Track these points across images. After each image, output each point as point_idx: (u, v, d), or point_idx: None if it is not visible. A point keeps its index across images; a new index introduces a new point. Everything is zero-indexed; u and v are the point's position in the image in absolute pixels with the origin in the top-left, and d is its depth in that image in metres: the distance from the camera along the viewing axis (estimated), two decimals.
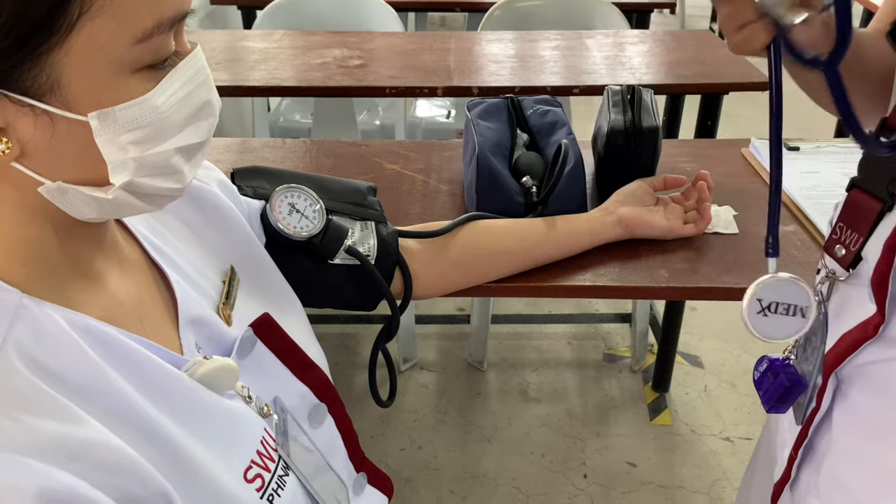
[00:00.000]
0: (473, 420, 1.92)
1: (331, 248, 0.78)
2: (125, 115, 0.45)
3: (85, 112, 0.44)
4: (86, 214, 0.49)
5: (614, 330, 2.23)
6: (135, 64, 0.45)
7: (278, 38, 1.94)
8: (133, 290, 0.55)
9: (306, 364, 0.65)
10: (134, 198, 0.48)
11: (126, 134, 0.45)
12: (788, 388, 0.67)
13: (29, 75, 0.42)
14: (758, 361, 0.71)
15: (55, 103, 0.43)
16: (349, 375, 2.03)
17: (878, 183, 0.59)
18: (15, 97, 0.42)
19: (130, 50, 0.44)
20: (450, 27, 4.70)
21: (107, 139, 0.45)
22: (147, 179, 0.48)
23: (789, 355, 0.70)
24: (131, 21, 0.43)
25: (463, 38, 1.98)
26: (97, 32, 0.42)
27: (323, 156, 1.30)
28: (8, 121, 0.43)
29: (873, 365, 0.61)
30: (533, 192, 1.01)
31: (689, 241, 1.02)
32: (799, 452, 0.69)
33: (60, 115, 0.43)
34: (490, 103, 1.16)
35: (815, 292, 0.66)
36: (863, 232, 0.60)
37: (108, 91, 0.44)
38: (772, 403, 0.69)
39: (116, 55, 0.43)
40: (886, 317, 0.59)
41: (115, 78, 0.44)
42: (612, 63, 1.77)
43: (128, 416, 0.47)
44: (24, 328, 0.45)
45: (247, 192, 0.76)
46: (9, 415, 0.41)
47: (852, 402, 0.64)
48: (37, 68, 0.42)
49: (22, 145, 0.44)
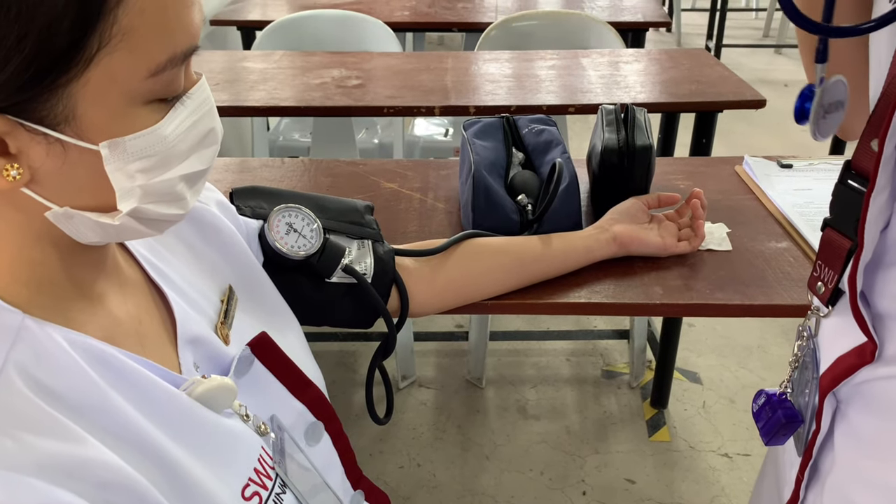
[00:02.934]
0: (472, 437, 1.92)
1: (328, 267, 0.79)
2: (135, 144, 0.46)
3: (96, 141, 0.45)
4: (89, 238, 0.50)
5: (612, 346, 2.23)
6: (147, 96, 0.46)
7: (277, 58, 1.96)
8: (133, 310, 0.56)
9: (303, 382, 0.66)
10: (138, 223, 0.50)
11: (134, 162, 0.47)
12: (785, 425, 0.69)
13: (46, 105, 0.43)
14: (756, 395, 0.72)
15: (69, 132, 0.44)
16: (347, 393, 2.03)
17: (847, 223, 0.61)
18: (29, 125, 0.43)
19: (144, 83, 0.45)
20: (447, 47, 4.74)
21: (116, 167, 0.46)
22: (152, 206, 0.49)
23: (786, 389, 0.71)
24: (146, 55, 0.44)
25: (460, 57, 2.00)
26: (114, 66, 0.43)
27: (321, 175, 1.31)
28: (21, 147, 0.44)
29: (870, 383, 0.62)
30: (528, 210, 1.02)
31: (684, 259, 1.03)
32: (805, 473, 0.69)
33: (73, 143, 0.45)
34: (486, 122, 1.17)
35: (803, 328, 0.68)
36: (836, 269, 0.62)
37: (120, 121, 0.45)
38: (770, 437, 0.70)
39: (130, 88, 0.45)
40: (878, 342, 0.60)
41: (127, 109, 0.45)
42: (608, 82, 1.79)
43: (127, 434, 0.47)
44: (26, 348, 0.45)
45: (245, 212, 0.77)
46: (9, 434, 0.42)
47: (852, 421, 0.64)
48: (54, 99, 0.43)
49: (32, 171, 0.45)
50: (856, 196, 0.57)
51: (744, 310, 0.96)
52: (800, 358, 0.70)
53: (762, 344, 2.20)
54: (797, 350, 0.70)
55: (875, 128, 0.56)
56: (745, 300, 0.95)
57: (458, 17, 2.44)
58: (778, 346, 2.18)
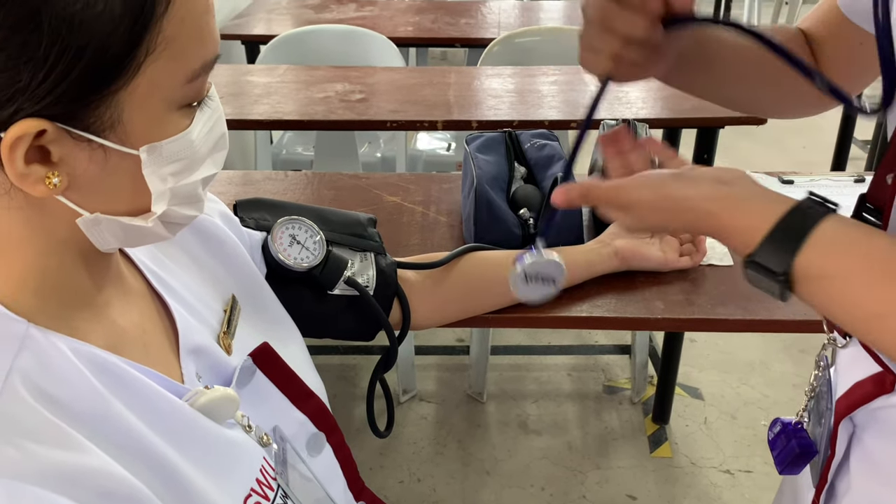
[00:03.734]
0: (473, 452, 1.91)
1: (330, 279, 0.80)
2: (169, 148, 0.48)
3: (136, 146, 0.47)
4: (110, 244, 0.51)
5: (614, 361, 2.23)
6: (181, 102, 0.48)
7: (281, 72, 1.97)
8: (136, 319, 0.56)
9: (305, 393, 0.66)
10: (162, 226, 0.51)
11: (167, 166, 0.48)
12: (799, 455, 0.69)
13: (95, 113, 0.44)
14: (772, 423, 0.72)
15: (112, 139, 0.46)
16: (349, 406, 2.03)
17: None
18: (76, 133, 0.44)
19: (182, 89, 0.47)
20: (450, 62, 4.76)
21: (151, 171, 0.48)
22: (177, 208, 0.51)
23: (802, 419, 0.70)
24: (185, 62, 0.46)
25: (463, 72, 2.02)
26: (157, 73, 0.45)
27: (324, 188, 1.32)
28: (63, 155, 0.45)
29: (886, 410, 0.62)
30: (530, 224, 1.02)
31: (685, 273, 1.03)
32: (821, 498, 0.69)
33: (115, 149, 0.46)
34: (488, 137, 1.18)
35: (819, 357, 0.69)
36: None
37: (157, 126, 0.47)
38: (784, 466, 0.70)
39: (170, 94, 0.47)
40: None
41: (164, 115, 0.47)
42: (610, 98, 1.80)
43: (129, 444, 0.48)
44: (30, 357, 0.46)
45: (249, 224, 0.77)
46: (13, 442, 0.42)
47: (868, 447, 0.64)
48: (103, 106, 0.44)
49: (71, 178, 0.46)
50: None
51: (745, 325, 0.96)
52: (816, 388, 0.70)
53: (764, 360, 2.19)
54: (813, 380, 0.70)
55: (892, 162, 0.57)
56: (746, 315, 0.95)
57: (462, 32, 2.46)
58: (780, 363, 2.17)
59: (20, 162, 0.43)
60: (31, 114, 0.42)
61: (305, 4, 2.74)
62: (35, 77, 0.41)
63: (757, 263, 0.54)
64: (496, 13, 2.67)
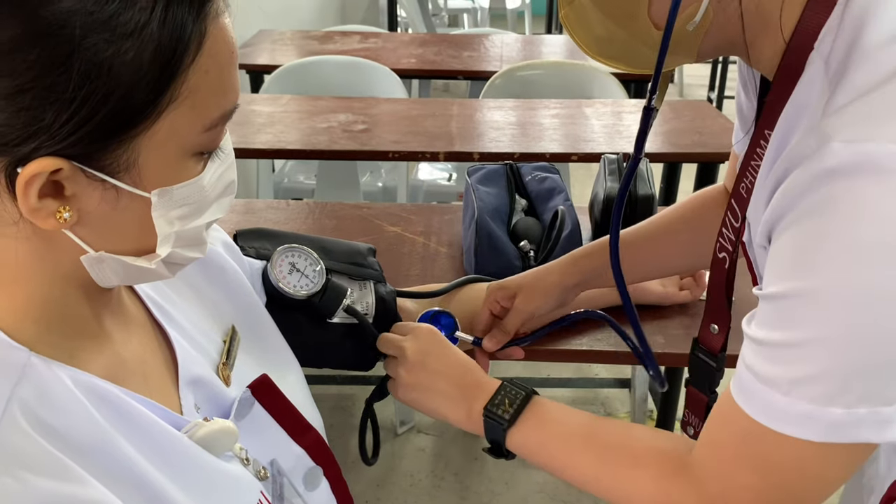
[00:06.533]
0: (470, 486, 1.89)
1: (329, 307, 0.79)
2: (180, 193, 0.48)
3: (148, 189, 0.47)
4: (110, 282, 0.51)
5: (614, 395, 2.22)
6: (196, 149, 0.48)
7: (285, 102, 1.99)
8: (137, 349, 0.56)
9: (303, 426, 0.66)
10: (164, 266, 0.51)
11: (176, 209, 0.49)
12: None
13: (112, 155, 0.45)
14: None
15: (126, 180, 0.46)
16: (345, 437, 2.01)
17: (703, 384, 0.75)
18: (91, 172, 0.45)
19: (198, 137, 0.48)
20: (453, 94, 4.81)
21: (160, 214, 0.48)
22: (180, 250, 0.51)
23: None
24: (204, 112, 0.47)
25: (465, 104, 2.03)
26: (177, 121, 0.46)
27: (325, 217, 1.32)
28: (76, 191, 0.45)
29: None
30: (531, 256, 1.02)
31: (685, 308, 1.03)
32: None
33: (128, 190, 0.46)
34: (490, 169, 1.19)
35: None
36: (701, 418, 0.75)
37: (171, 171, 0.48)
38: None
39: (187, 141, 0.47)
40: None
41: (178, 160, 0.48)
42: (610, 131, 1.81)
43: (128, 476, 0.47)
44: (30, 387, 0.45)
45: (249, 253, 0.77)
46: (11, 473, 0.42)
47: None
48: (121, 149, 0.45)
49: (81, 214, 0.46)
50: (708, 365, 0.74)
51: None
52: None
53: None
54: None
55: (713, 313, 0.72)
56: None
57: (464, 65, 2.49)
58: None
59: (34, 197, 0.44)
60: (50, 152, 0.43)
61: (309, 35, 2.78)
62: (59, 118, 0.42)
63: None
64: (499, 46, 2.70)
